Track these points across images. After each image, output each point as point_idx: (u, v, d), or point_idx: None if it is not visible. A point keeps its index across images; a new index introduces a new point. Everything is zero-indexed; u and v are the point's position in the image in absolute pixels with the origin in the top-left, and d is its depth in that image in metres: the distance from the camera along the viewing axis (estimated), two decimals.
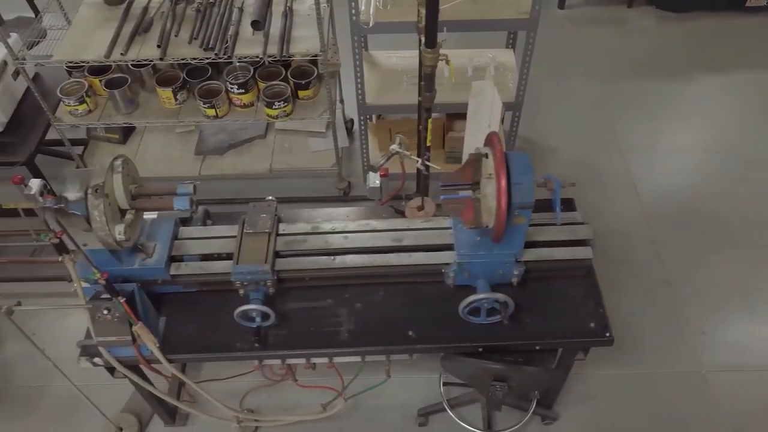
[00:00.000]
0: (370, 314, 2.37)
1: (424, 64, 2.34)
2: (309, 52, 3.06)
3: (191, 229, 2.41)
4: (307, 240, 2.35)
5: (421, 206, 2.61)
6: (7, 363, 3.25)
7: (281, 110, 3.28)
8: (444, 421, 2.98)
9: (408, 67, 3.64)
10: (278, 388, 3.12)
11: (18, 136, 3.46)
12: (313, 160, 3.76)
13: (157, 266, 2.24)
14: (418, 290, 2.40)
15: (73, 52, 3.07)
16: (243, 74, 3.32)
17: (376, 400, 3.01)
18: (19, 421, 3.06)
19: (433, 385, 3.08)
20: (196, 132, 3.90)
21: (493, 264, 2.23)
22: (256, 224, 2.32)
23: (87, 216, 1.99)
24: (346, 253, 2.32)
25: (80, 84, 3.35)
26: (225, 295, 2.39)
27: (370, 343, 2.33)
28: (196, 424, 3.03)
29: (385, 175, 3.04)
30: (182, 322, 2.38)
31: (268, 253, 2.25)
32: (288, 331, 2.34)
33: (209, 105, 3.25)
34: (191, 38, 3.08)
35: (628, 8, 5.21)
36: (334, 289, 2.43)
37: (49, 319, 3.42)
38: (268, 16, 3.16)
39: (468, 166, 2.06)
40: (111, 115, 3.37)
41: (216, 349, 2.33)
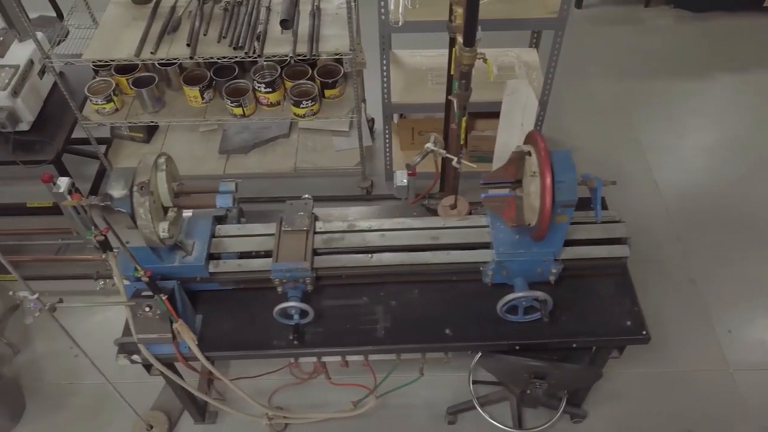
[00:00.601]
0: (406, 312, 2.38)
1: (462, 63, 2.35)
2: (338, 50, 3.06)
3: (228, 227, 2.42)
4: (344, 238, 2.35)
5: (453, 205, 2.62)
6: (36, 361, 3.26)
7: (308, 109, 3.28)
8: (473, 419, 2.99)
9: (433, 66, 3.65)
10: (306, 386, 3.12)
11: (44, 134, 3.47)
12: (337, 159, 3.77)
13: (197, 264, 2.25)
14: (454, 288, 2.41)
15: (103, 51, 3.08)
16: (270, 73, 3.33)
17: (403, 398, 3.01)
18: (50, 418, 3.07)
19: (460, 383, 3.09)
20: (219, 131, 3.91)
21: (531, 262, 2.24)
22: (294, 222, 2.33)
23: (132, 213, 1.99)
24: (383, 251, 2.32)
25: (107, 83, 3.36)
26: (260, 293, 2.40)
27: (407, 341, 2.34)
28: (225, 422, 3.04)
29: (413, 174, 3.05)
30: (218, 319, 2.38)
31: (306, 250, 2.26)
32: (324, 329, 2.35)
33: (237, 104, 3.26)
34: (220, 37, 3.09)
35: (645, 7, 5.21)
36: (370, 287, 2.44)
37: (75, 318, 3.43)
38: (296, 15, 3.17)
39: (511, 164, 2.06)
40: (138, 114, 3.38)
41: (253, 347, 2.34)
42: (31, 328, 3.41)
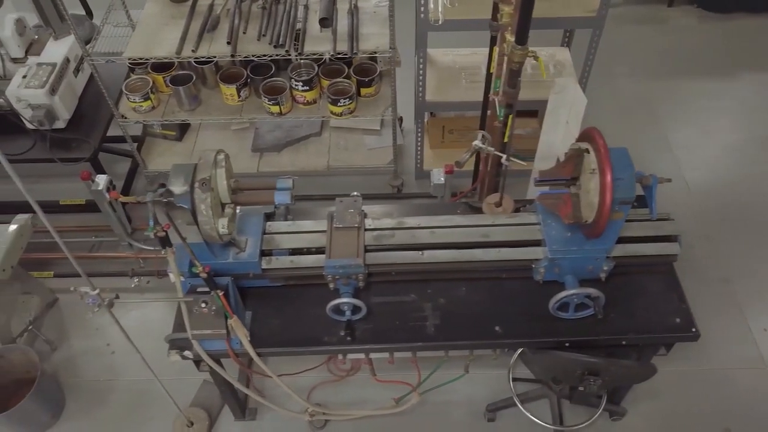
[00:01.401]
0: (455, 309, 2.38)
1: (513, 61, 2.36)
2: (379, 49, 3.07)
3: (278, 224, 2.43)
4: (394, 235, 2.36)
5: (498, 203, 2.63)
6: (73, 357, 3.28)
7: (345, 107, 3.29)
8: (512, 416, 3.00)
9: (466, 65, 3.66)
10: (343, 384, 3.15)
11: (80, 132, 3.48)
12: (369, 158, 3.78)
13: (251, 260, 2.26)
14: (502, 285, 2.42)
15: (144, 49, 3.10)
16: (307, 71, 3.34)
17: (442, 395, 3.02)
18: (90, 414, 3.08)
19: (498, 381, 3.10)
20: (251, 129, 3.92)
21: (583, 259, 2.25)
22: (345, 219, 2.34)
23: (192, 209, 2.00)
24: (434, 248, 2.33)
25: (144, 81, 3.38)
26: (309, 289, 2.42)
27: (456, 338, 2.34)
28: (265, 419, 3.05)
29: (450, 171, 3.06)
30: (267, 315, 2.39)
31: (359, 247, 2.27)
32: (374, 325, 2.36)
33: (274, 102, 3.27)
34: (259, 35, 3.10)
35: (668, 7, 5.22)
36: (417, 284, 2.44)
37: (109, 316, 3.44)
38: (334, 13, 3.18)
39: (568, 162, 2.07)
40: (174, 112, 3.39)
41: (303, 343, 2.34)
42: (68, 325, 3.42)
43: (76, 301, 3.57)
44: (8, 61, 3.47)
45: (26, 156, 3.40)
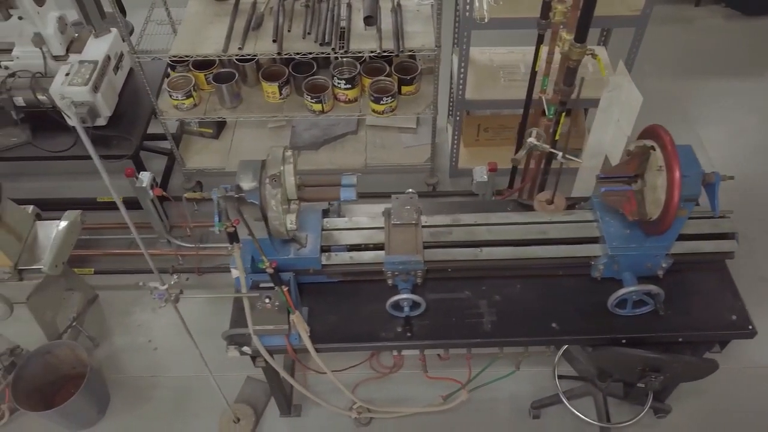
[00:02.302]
0: (511, 306, 2.39)
1: (570, 58, 2.37)
2: (425, 47, 3.09)
3: (335, 220, 2.45)
4: (452, 232, 2.38)
5: (550, 200, 2.63)
6: (115, 354, 3.29)
7: (387, 106, 3.31)
8: (556, 414, 3.01)
9: (504, 63, 3.67)
10: (386, 381, 3.15)
11: (120, 129, 3.50)
12: (405, 156, 3.80)
13: (312, 256, 2.28)
14: (558, 282, 2.42)
15: (189, 47, 3.11)
16: (349, 70, 3.35)
17: (485, 392, 3.03)
18: (135, 410, 3.09)
19: (541, 378, 3.11)
20: (287, 127, 3.93)
21: (642, 257, 2.26)
22: (402, 216, 2.35)
23: (262, 205, 2.02)
24: (492, 245, 2.35)
25: (186, 78, 3.39)
26: (364, 285, 2.43)
27: (513, 335, 2.35)
28: (309, 416, 3.06)
29: (494, 169, 3.08)
30: (324, 311, 2.40)
31: (417, 243, 2.28)
32: (431, 322, 2.37)
33: (317, 100, 3.28)
34: (304, 33, 3.12)
35: (695, 6, 5.23)
36: (471, 282, 2.46)
37: (150, 312, 3.46)
38: (378, 11, 3.19)
39: (633, 159, 2.08)
40: (216, 110, 3.41)
41: (361, 339, 2.36)
42: (109, 322, 3.43)
43: (116, 297, 3.63)
44: (50, 58, 3.48)
45: (69, 153, 3.41)
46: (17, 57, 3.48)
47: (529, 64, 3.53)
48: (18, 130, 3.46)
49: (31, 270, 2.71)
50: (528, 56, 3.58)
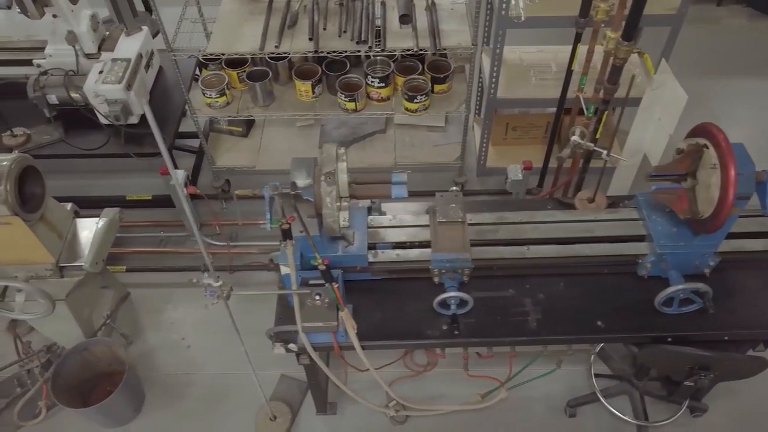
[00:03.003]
0: (555, 304, 2.39)
1: (617, 57, 2.37)
2: (461, 45, 3.09)
3: (380, 218, 2.45)
4: (498, 230, 2.38)
5: (591, 198, 2.64)
6: (149, 352, 3.29)
7: (421, 104, 3.31)
8: (592, 412, 3.01)
9: (533, 62, 3.67)
10: (420, 379, 3.16)
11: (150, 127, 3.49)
12: (434, 155, 3.80)
13: (359, 253, 2.28)
14: (602, 280, 2.42)
15: (225, 45, 3.11)
16: (382, 68, 3.36)
17: (520, 391, 3.03)
18: (170, 407, 3.10)
19: (574, 377, 3.10)
20: (315, 126, 3.94)
21: (690, 255, 2.26)
22: (448, 214, 2.36)
23: (317, 202, 2.02)
24: (538, 244, 2.35)
25: (219, 77, 3.39)
26: (408, 283, 2.44)
27: (559, 333, 2.35)
28: (345, 413, 3.06)
29: (529, 168, 3.08)
30: (368, 309, 2.40)
31: (465, 241, 2.28)
32: (476, 320, 2.37)
33: (350, 98, 3.29)
34: (340, 31, 3.12)
35: (717, 6, 5.22)
36: (514, 280, 2.46)
37: (182, 310, 3.47)
38: (413, 10, 3.19)
39: (686, 157, 2.08)
40: (249, 108, 3.41)
41: (407, 336, 2.36)
42: (141, 319, 3.44)
43: (147, 295, 3.63)
44: (82, 56, 3.49)
45: (101, 151, 3.41)
46: (50, 55, 3.49)
47: (561, 63, 3.55)
48: (51, 128, 3.47)
49: (72, 267, 2.71)
50: (560, 55, 3.61)
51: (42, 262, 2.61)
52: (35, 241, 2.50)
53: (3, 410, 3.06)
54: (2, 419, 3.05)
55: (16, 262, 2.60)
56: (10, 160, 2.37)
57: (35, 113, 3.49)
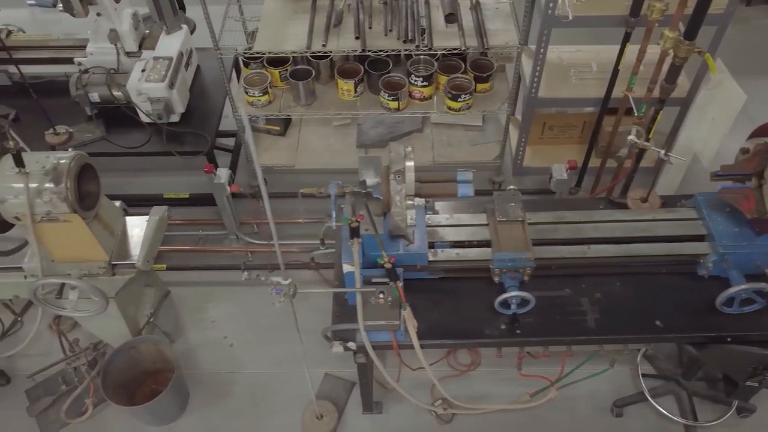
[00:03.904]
0: (613, 304, 2.39)
1: (677, 56, 2.37)
2: (508, 44, 3.08)
3: (437, 216, 2.45)
4: (557, 229, 2.37)
5: (645, 198, 2.63)
6: (192, 350, 3.29)
7: (464, 103, 3.30)
8: (638, 411, 3.00)
9: (573, 62, 3.66)
10: (464, 378, 3.16)
11: (192, 125, 3.50)
12: (472, 153, 3.79)
13: (420, 252, 2.28)
14: (658, 280, 2.42)
15: (272, 43, 3.11)
16: (425, 67, 3.35)
17: (566, 391, 3.02)
18: (214, 405, 3.10)
19: (618, 376, 3.09)
20: (352, 125, 3.93)
21: (752, 254, 2.25)
22: (508, 213, 2.36)
23: (386, 200, 2.02)
24: (598, 243, 2.34)
25: (262, 75, 3.39)
26: (465, 282, 2.44)
27: (617, 332, 2.35)
28: (391, 412, 3.06)
29: (573, 167, 3.07)
30: (425, 308, 2.40)
31: (527, 240, 2.28)
32: (534, 319, 2.37)
33: (393, 97, 3.28)
34: (386, 30, 3.12)
35: (747, 6, 5.21)
36: (571, 279, 2.46)
37: (224, 309, 3.47)
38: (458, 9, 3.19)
39: (754, 157, 2.08)
40: (291, 107, 3.41)
41: (466, 335, 2.36)
42: (182, 318, 3.44)
43: (186, 294, 3.62)
44: (123, 55, 3.49)
45: (143, 149, 3.41)
46: (91, 53, 3.48)
47: (602, 63, 3.55)
48: (92, 126, 3.47)
49: (124, 265, 2.71)
50: (602, 54, 3.60)
51: (96, 260, 2.62)
52: (92, 239, 2.50)
53: (49, 407, 3.07)
54: (48, 416, 3.06)
55: (72, 260, 2.60)
56: (70, 158, 2.38)
57: (75, 111, 3.49)
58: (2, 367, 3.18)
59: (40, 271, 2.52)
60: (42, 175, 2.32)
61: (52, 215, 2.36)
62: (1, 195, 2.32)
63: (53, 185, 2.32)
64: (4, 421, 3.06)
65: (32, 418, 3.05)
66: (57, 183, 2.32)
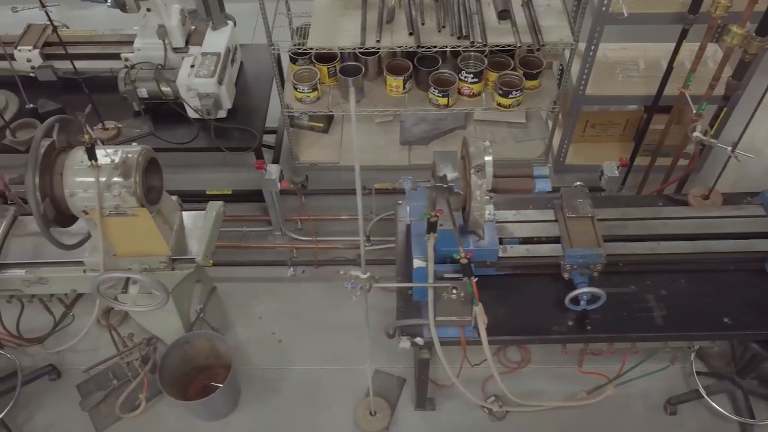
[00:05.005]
0: (680, 301, 2.39)
1: (748, 52, 2.36)
2: (563, 41, 3.08)
3: (504, 212, 2.45)
4: (626, 226, 2.37)
5: (707, 195, 2.63)
6: (240, 345, 3.29)
7: (515, 100, 3.30)
8: (692, 409, 3.00)
9: (618, 60, 3.65)
10: (515, 375, 3.15)
11: (239, 121, 3.49)
12: (516, 150, 3.79)
13: (491, 248, 2.28)
14: (727, 277, 2.42)
15: (326, 39, 3.11)
16: (475, 64, 3.35)
17: (618, 388, 3.01)
18: (266, 401, 3.10)
19: (669, 374, 3.08)
20: (394, 122, 3.93)
21: None
22: (577, 209, 2.35)
23: (467, 195, 2.01)
24: (668, 239, 2.34)
25: (311, 71, 3.39)
26: (530, 279, 2.43)
27: (685, 329, 2.34)
28: (443, 409, 3.05)
29: (625, 164, 3.07)
30: (492, 304, 2.39)
31: (597, 237, 2.28)
32: (602, 316, 2.36)
33: (443, 94, 3.28)
34: (439, 27, 3.11)
35: None
36: (636, 276, 2.45)
37: (271, 305, 3.47)
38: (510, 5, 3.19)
39: None
40: (339, 103, 3.40)
41: (534, 331, 2.36)
42: (229, 313, 3.44)
43: (232, 290, 3.63)
44: (170, 50, 3.49)
45: (192, 145, 3.41)
46: (138, 49, 3.48)
47: (650, 61, 3.54)
48: (139, 121, 3.47)
49: (184, 260, 2.72)
50: (650, 52, 3.59)
51: (158, 255, 2.62)
52: (157, 234, 2.50)
53: (101, 402, 3.07)
54: (100, 411, 3.06)
55: (134, 255, 2.60)
56: (138, 152, 2.38)
57: (122, 107, 3.49)
58: (53, 362, 3.19)
59: (101, 265, 2.52)
60: (111, 168, 2.32)
61: (120, 209, 2.36)
62: (71, 188, 2.31)
63: (122, 179, 2.32)
64: (57, 416, 3.07)
65: (85, 412, 3.05)
66: (126, 177, 2.32)
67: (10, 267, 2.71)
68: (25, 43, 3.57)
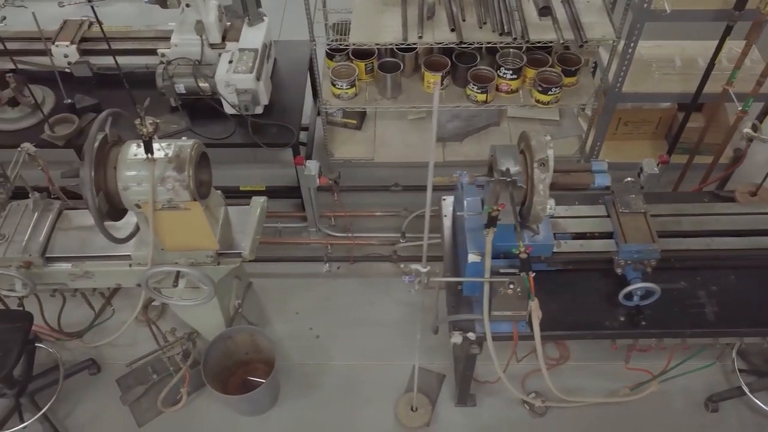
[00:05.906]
0: (731, 297, 2.39)
1: None
2: (605, 38, 3.08)
3: (557, 208, 2.44)
4: (680, 221, 2.37)
5: (754, 192, 2.62)
6: (279, 341, 3.29)
7: (554, 97, 3.30)
8: (733, 407, 3.00)
9: (653, 57, 3.65)
10: (553, 372, 3.14)
11: (276, 117, 3.49)
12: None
13: (546, 243, 2.28)
14: None
15: (367, 35, 3.12)
16: (513, 60, 3.35)
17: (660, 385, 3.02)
18: (305, 397, 3.10)
19: (708, 371, 3.08)
20: (427, 119, 3.93)
21: None
22: (629, 204, 2.35)
23: (529, 189, 2.02)
24: (722, 235, 2.34)
25: (349, 68, 3.39)
26: (580, 274, 2.43)
27: (737, 325, 2.34)
28: (484, 405, 3.05)
29: (665, 162, 3.06)
30: (544, 300, 2.37)
31: (652, 232, 2.27)
32: (654, 312, 2.36)
33: (482, 90, 3.28)
34: (480, 23, 3.11)
35: None
36: (686, 272, 2.45)
37: (307, 301, 3.48)
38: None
39: None
40: (376, 99, 3.40)
41: (586, 327, 2.36)
42: (266, 309, 3.45)
43: (268, 285, 3.63)
44: (206, 46, 3.49)
45: (229, 141, 3.41)
46: (175, 45, 3.47)
47: (686, 58, 3.54)
48: (177, 117, 3.47)
49: (230, 255, 2.72)
50: (688, 50, 3.59)
51: (206, 249, 2.62)
52: (207, 228, 2.50)
53: (141, 396, 3.08)
54: (141, 405, 3.07)
55: (182, 249, 2.60)
56: (190, 146, 2.38)
57: (159, 102, 3.49)
58: (93, 356, 3.19)
59: (149, 259, 2.52)
60: (165, 162, 2.32)
61: (173, 203, 2.36)
62: (124, 182, 2.32)
63: (176, 173, 2.32)
64: (98, 410, 3.07)
65: (125, 407, 3.06)
66: (180, 171, 2.32)
67: (57, 261, 2.71)
68: (62, 38, 3.57)
